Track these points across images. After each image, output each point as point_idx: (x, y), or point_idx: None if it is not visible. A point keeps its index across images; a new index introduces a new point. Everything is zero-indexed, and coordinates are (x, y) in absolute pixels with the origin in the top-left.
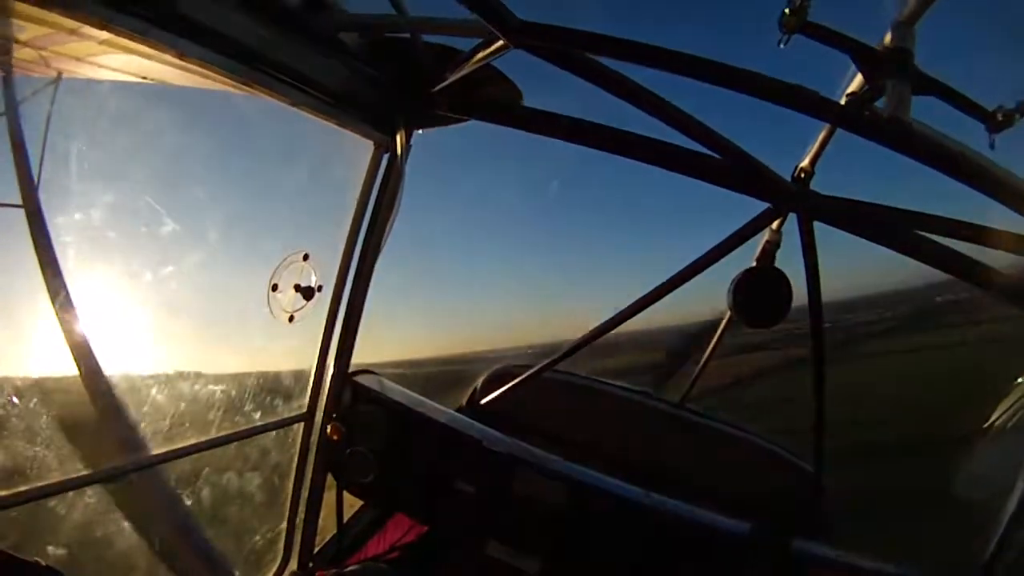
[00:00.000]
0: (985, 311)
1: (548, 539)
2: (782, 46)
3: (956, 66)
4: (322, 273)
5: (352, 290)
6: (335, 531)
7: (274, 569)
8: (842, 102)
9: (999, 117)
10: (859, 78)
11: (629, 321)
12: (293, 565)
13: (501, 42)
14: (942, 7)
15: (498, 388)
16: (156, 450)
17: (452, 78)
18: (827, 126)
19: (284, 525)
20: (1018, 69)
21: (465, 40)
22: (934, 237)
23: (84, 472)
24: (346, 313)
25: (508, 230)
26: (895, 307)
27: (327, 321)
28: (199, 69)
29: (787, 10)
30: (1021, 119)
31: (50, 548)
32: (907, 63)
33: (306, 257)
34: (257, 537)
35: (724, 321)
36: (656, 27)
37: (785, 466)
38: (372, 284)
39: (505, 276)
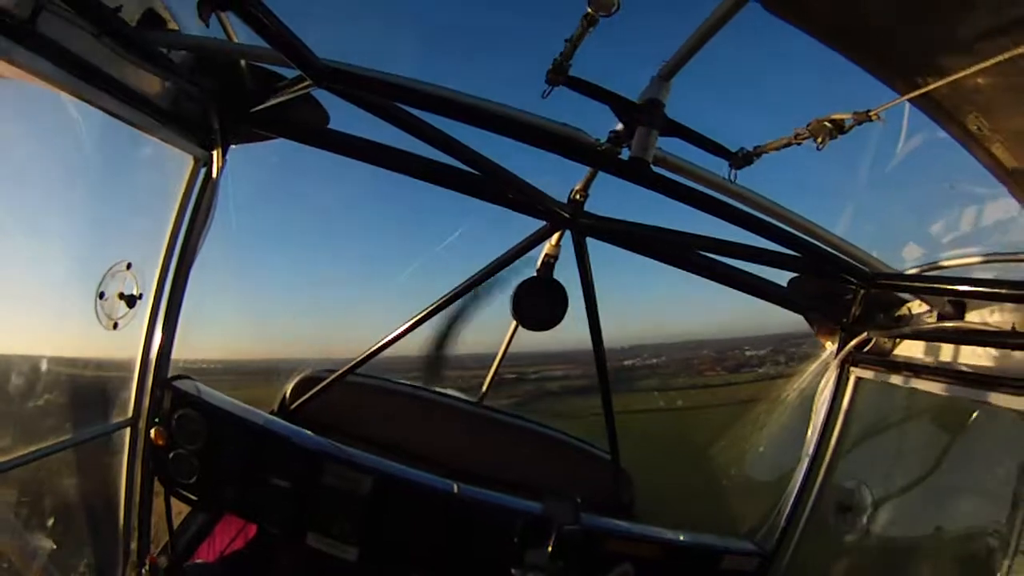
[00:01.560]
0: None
1: (361, 528)
2: (545, 97)
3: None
4: (144, 281)
5: (169, 297)
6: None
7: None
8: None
9: (739, 156)
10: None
11: None
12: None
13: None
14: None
15: (305, 392)
16: None
17: (270, 102)
18: None
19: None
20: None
21: None
22: (713, 256)
23: None
24: (164, 319)
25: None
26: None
27: (147, 327)
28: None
29: (551, 66)
30: (758, 159)
31: None
32: (657, 112)
33: (129, 266)
34: (93, 543)
35: (512, 326)
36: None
37: (584, 455)
38: (189, 291)
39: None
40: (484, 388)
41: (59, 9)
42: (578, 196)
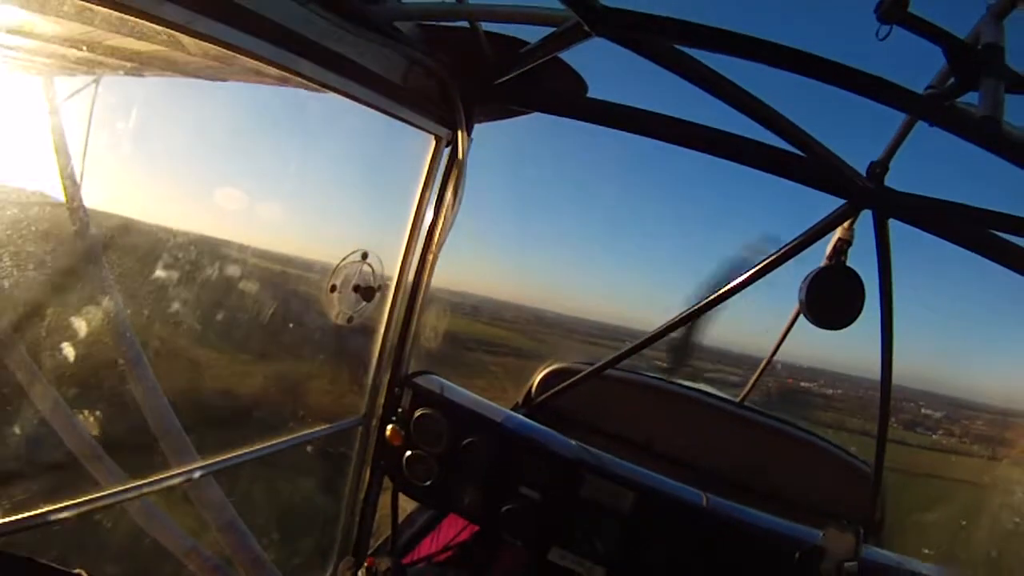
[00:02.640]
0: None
1: (613, 546)
2: (883, 39)
3: None
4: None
5: (412, 289)
6: (389, 529)
7: (329, 571)
8: None
9: None
10: (942, 74)
11: None
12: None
13: (575, 32)
14: None
15: (554, 386)
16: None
17: (520, 69)
18: (904, 122)
19: (339, 526)
20: None
21: (524, 29)
22: (1011, 238)
23: (134, 483)
24: (405, 313)
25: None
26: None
27: (386, 322)
28: (248, 63)
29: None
30: None
31: (93, 558)
32: (1000, 60)
33: (365, 256)
34: (310, 538)
35: (790, 319)
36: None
37: (845, 467)
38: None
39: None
40: (748, 387)
41: None
42: (878, 170)
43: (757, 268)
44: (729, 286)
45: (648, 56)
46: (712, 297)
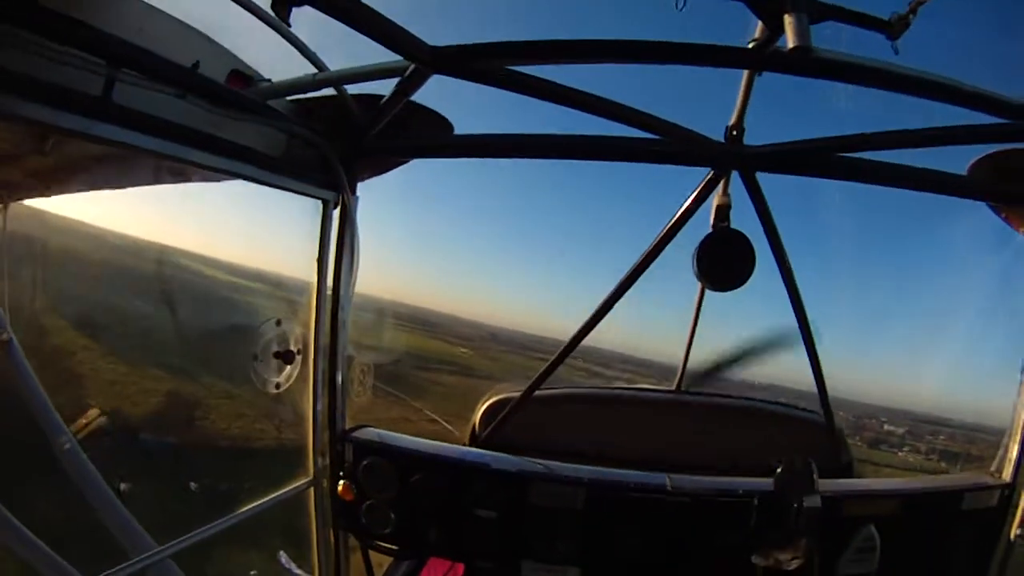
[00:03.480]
0: None
1: (579, 546)
2: (680, 9)
3: None
4: (299, 335)
5: (330, 347)
6: None
7: None
8: None
9: (894, 23)
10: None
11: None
12: None
13: (417, 75)
14: None
15: (497, 416)
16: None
17: (382, 122)
18: (744, 79)
19: None
20: None
21: (388, 85)
22: (866, 156)
23: None
24: (329, 371)
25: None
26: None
27: (312, 383)
28: (146, 161)
29: None
30: (914, 18)
31: None
32: None
33: (279, 322)
34: None
35: (698, 293)
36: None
37: (797, 421)
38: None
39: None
40: (680, 372)
41: (135, 78)
42: (735, 132)
43: (647, 253)
44: (625, 276)
45: (488, 82)
46: (613, 292)
